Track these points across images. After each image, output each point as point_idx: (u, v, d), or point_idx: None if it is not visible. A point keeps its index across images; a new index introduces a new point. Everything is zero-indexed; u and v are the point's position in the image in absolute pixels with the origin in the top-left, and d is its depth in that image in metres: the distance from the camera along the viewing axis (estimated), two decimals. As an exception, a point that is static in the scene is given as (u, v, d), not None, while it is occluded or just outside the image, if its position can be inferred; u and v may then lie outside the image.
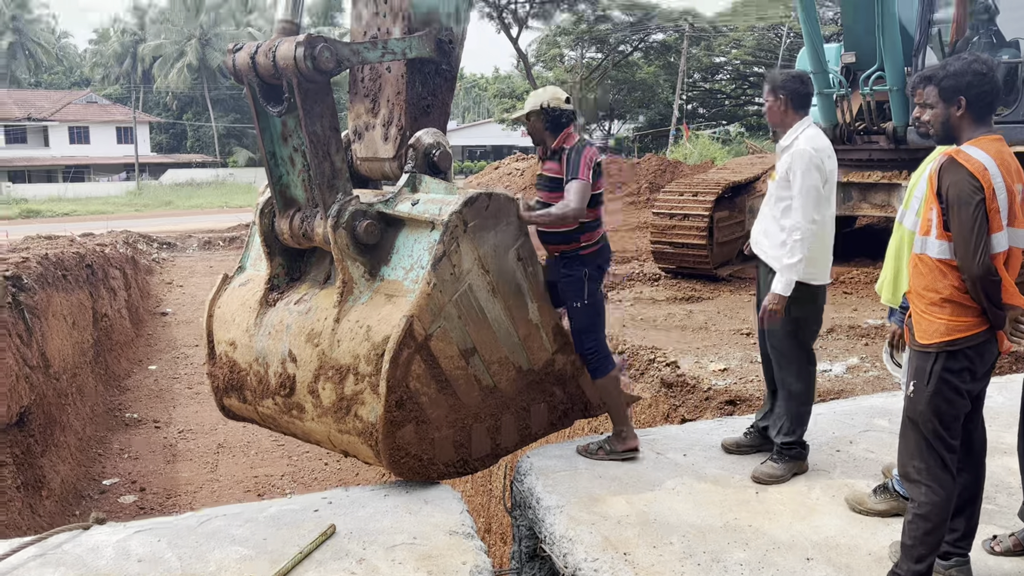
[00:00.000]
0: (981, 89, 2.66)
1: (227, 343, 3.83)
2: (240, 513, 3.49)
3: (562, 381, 3.87)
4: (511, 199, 3.58)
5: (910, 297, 2.84)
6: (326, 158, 3.28)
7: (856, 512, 3.55)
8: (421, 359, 3.24)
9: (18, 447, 10.65)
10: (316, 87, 3.20)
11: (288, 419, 3.64)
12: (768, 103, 3.81)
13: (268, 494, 11.67)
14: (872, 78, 9.50)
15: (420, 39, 3.59)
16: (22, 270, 12.84)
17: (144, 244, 25.72)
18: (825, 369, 6.18)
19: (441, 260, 3.24)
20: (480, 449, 3.60)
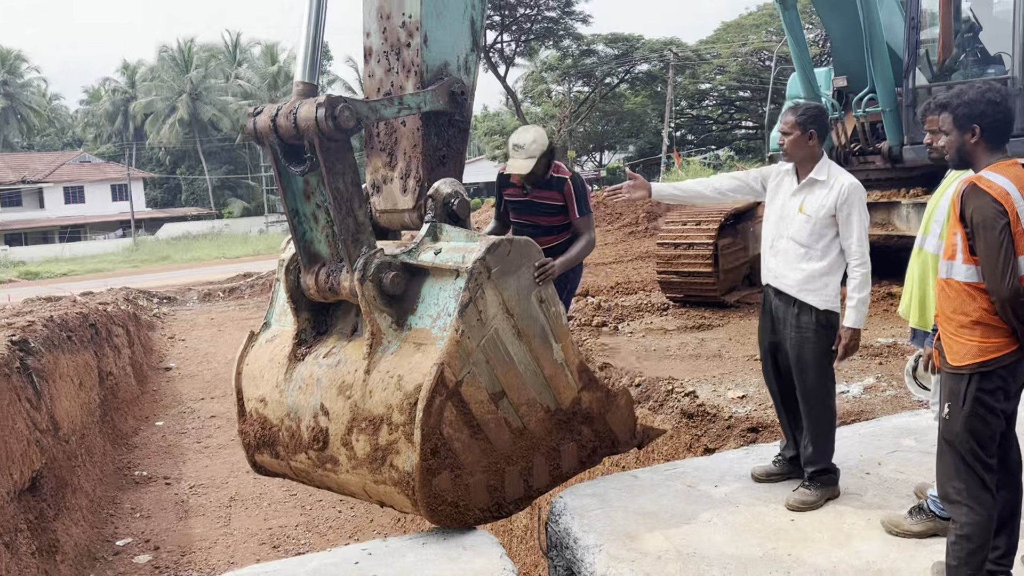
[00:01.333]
0: (995, 118, 2.73)
1: (257, 400, 3.86)
2: (280, 570, 3.48)
3: (589, 419, 3.90)
4: (531, 243, 3.65)
5: (938, 320, 2.89)
6: (350, 214, 3.35)
7: (893, 535, 3.56)
8: (453, 405, 3.28)
9: (31, 512, 10.57)
10: (337, 145, 3.27)
11: (322, 473, 3.65)
12: (794, 136, 3.79)
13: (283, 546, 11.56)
14: (864, 100, 9.65)
15: (434, 92, 3.68)
16: (28, 333, 12.86)
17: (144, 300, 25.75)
18: (843, 391, 6.20)
19: (468, 307, 3.30)
20: (513, 492, 3.62)
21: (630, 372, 7.15)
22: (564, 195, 4.47)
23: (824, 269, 3.77)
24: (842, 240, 3.76)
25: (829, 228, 3.75)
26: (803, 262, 3.81)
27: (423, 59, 3.68)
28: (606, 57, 44.21)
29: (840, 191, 3.71)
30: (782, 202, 3.91)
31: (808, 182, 3.82)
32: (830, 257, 3.77)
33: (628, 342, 8.34)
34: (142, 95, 59.34)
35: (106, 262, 43.20)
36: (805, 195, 3.81)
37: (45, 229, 53.62)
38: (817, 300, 3.79)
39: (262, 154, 59.32)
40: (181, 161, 61.23)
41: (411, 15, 3.63)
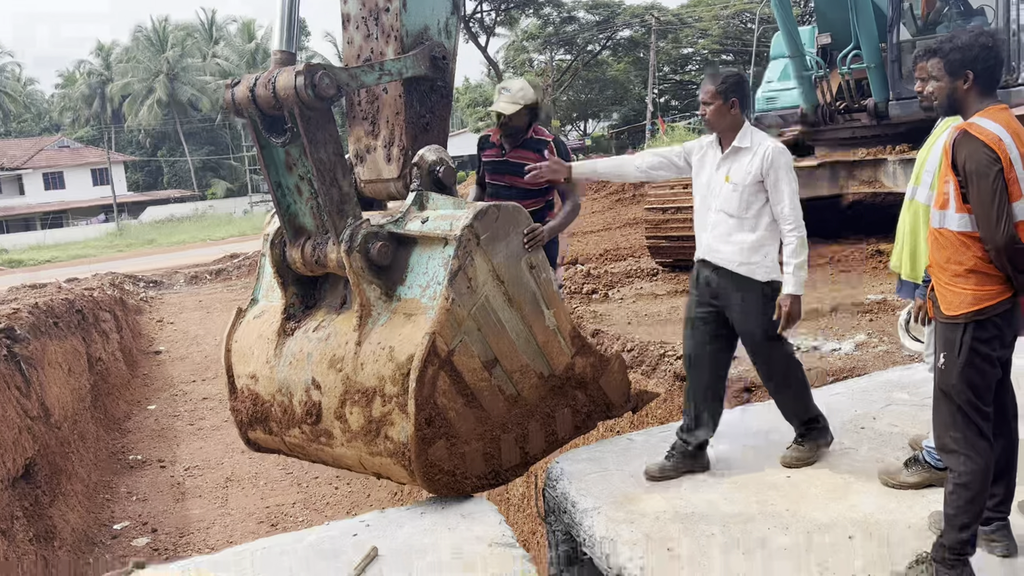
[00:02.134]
0: (987, 63, 2.69)
1: (248, 376, 3.82)
2: (279, 544, 3.47)
3: (583, 384, 3.89)
4: (519, 209, 3.61)
5: (931, 270, 2.87)
6: (334, 184, 3.30)
7: (890, 487, 3.57)
8: (446, 375, 3.26)
9: (27, 499, 10.55)
10: (318, 114, 3.21)
11: (317, 447, 3.63)
12: (715, 105, 3.64)
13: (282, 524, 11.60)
14: (849, 57, 9.60)
15: (415, 58, 3.61)
16: (13, 321, 12.75)
17: (131, 284, 25.57)
18: (834, 348, 6.23)
19: (457, 275, 3.27)
20: (510, 459, 3.61)
21: (621, 338, 7.15)
22: (545, 156, 4.38)
23: (759, 239, 3.65)
24: (773, 206, 3.62)
25: (758, 196, 3.63)
26: (736, 234, 3.68)
27: (402, 24, 3.61)
28: (587, 24, 43.85)
29: (764, 156, 3.59)
30: (708, 174, 3.77)
31: (732, 151, 3.68)
32: (763, 226, 3.65)
33: (619, 308, 8.34)
34: (118, 77, 58.47)
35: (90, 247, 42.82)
36: (730, 164, 3.68)
37: (26, 216, 53.03)
38: (759, 273, 3.68)
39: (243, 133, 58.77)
40: (162, 143, 60.56)
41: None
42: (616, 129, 50.04)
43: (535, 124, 4.51)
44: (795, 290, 3.62)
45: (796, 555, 3.09)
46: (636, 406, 4.29)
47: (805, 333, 6.83)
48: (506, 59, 47.86)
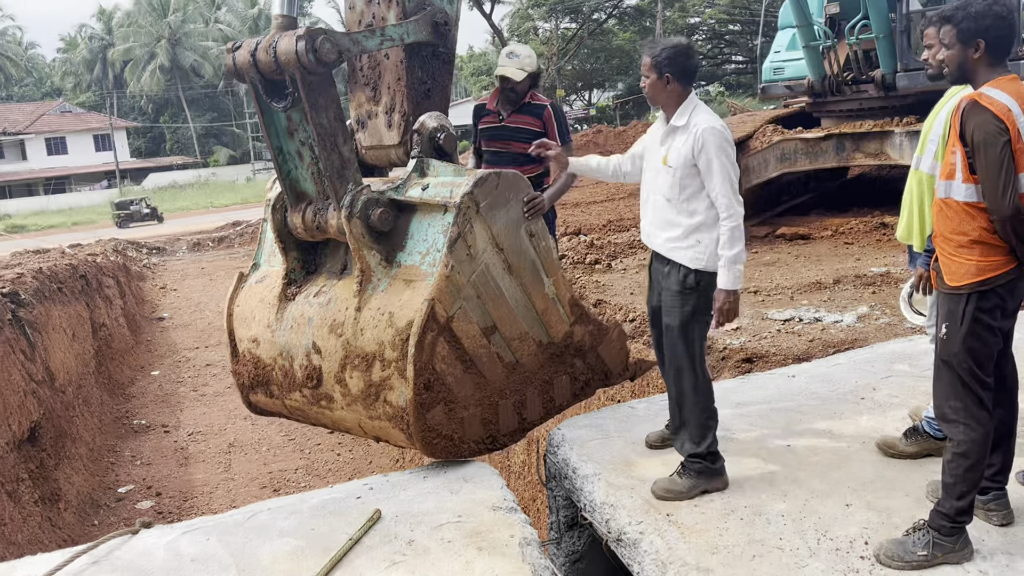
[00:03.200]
0: (1000, 32, 2.67)
1: (249, 340, 3.84)
2: (284, 506, 3.52)
3: (582, 352, 3.90)
4: (519, 177, 3.60)
5: (935, 241, 2.87)
6: (334, 149, 3.29)
7: (888, 456, 3.60)
8: (445, 341, 3.28)
9: (32, 462, 10.66)
10: (319, 79, 3.20)
11: (317, 410, 3.67)
12: (650, 80, 3.37)
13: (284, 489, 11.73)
14: (857, 27, 9.50)
15: (416, 23, 3.59)
16: (18, 286, 12.80)
17: (134, 251, 25.60)
18: (836, 320, 6.24)
19: (456, 242, 3.28)
20: (507, 425, 3.64)
21: (624, 308, 7.17)
22: (544, 120, 4.40)
23: (694, 225, 3.35)
24: (708, 191, 3.32)
25: (692, 179, 3.33)
26: (671, 216, 3.39)
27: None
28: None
29: (696, 137, 3.29)
30: (651, 155, 3.51)
31: (669, 130, 3.40)
32: (700, 211, 3.34)
33: (621, 279, 8.34)
34: (120, 42, 58.04)
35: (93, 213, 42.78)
36: (669, 145, 3.40)
37: (29, 181, 52.93)
38: (686, 258, 3.37)
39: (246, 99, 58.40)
40: (164, 109, 60.26)
41: None
42: (621, 99, 49.64)
43: (532, 90, 4.53)
44: (729, 284, 3.32)
45: (794, 521, 3.13)
46: (634, 374, 4.31)
47: (807, 304, 6.84)
48: (511, 27, 47.38)
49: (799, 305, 6.85)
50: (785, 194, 11.77)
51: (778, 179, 10.65)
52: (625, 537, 3.21)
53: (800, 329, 6.17)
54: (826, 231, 9.90)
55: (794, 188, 11.88)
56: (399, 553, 3.06)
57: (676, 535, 3.11)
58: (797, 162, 10.14)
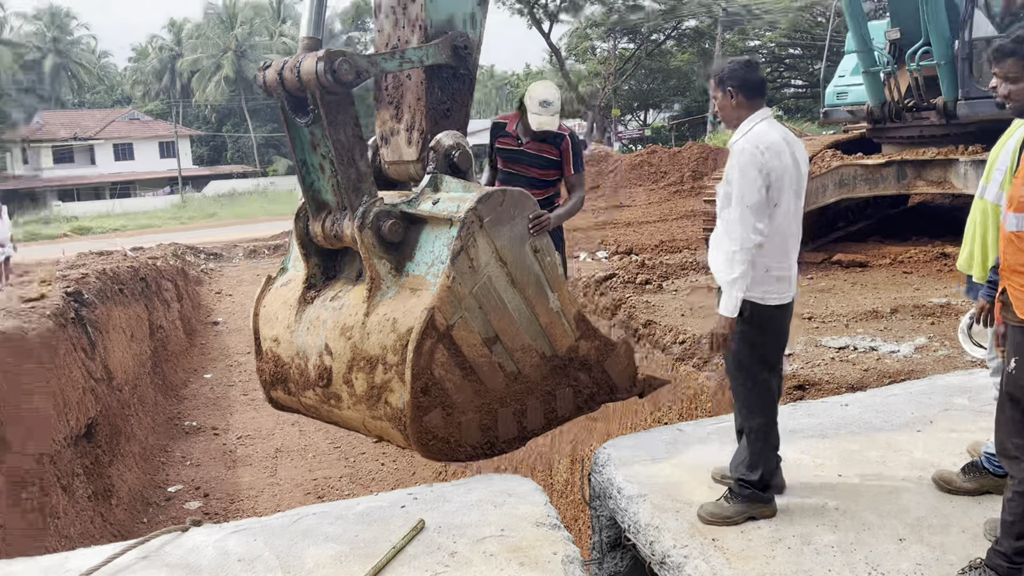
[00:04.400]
0: None
1: (271, 339, 4.00)
2: (329, 511, 3.56)
3: (587, 366, 3.93)
4: (525, 195, 3.67)
5: (1004, 273, 2.79)
6: (351, 163, 3.45)
7: (945, 491, 3.50)
8: (444, 348, 3.37)
9: (87, 458, 10.95)
10: (338, 98, 3.37)
11: (328, 408, 3.79)
12: (717, 100, 3.39)
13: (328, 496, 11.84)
14: (918, 53, 9.33)
15: (436, 47, 3.72)
16: (82, 286, 13.20)
17: (192, 256, 26.21)
18: (893, 350, 6.10)
19: (459, 255, 3.38)
20: (507, 432, 3.69)
21: (674, 330, 7.11)
22: (561, 151, 4.52)
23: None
24: None
25: (731, 198, 3.28)
26: (720, 238, 3.36)
27: (427, 14, 3.74)
28: (653, 13, 43.27)
29: (732, 153, 3.26)
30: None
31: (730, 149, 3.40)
32: None
33: (672, 300, 8.28)
34: (188, 52, 59.76)
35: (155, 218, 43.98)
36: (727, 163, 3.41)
37: (96, 185, 54.68)
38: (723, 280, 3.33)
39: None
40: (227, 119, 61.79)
41: None
42: (677, 120, 49.41)
43: None
44: (722, 309, 3.25)
45: (844, 553, 3.06)
46: (644, 391, 4.29)
47: (863, 333, 6.70)
48: (568, 46, 47.57)
49: (854, 333, 6.71)
50: (842, 220, 11.56)
51: (836, 205, 10.48)
52: (669, 560, 3.17)
53: (855, 358, 6.04)
54: (884, 259, 9.69)
55: (852, 214, 11.66)
56: (441, 564, 3.07)
57: (721, 561, 3.06)
58: (856, 188, 9.96)
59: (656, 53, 46.31)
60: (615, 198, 18.18)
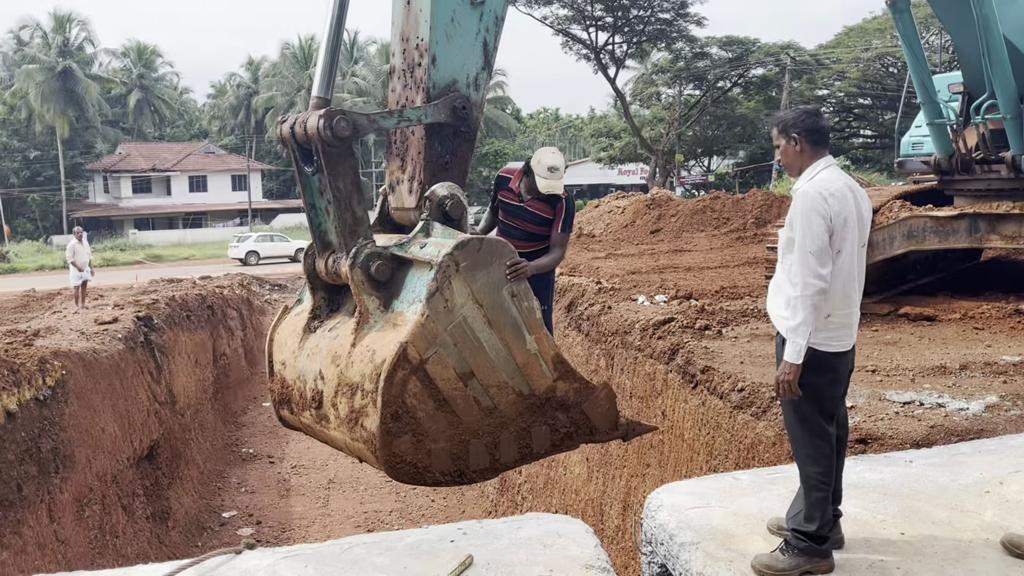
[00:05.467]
0: None
1: (280, 363, 4.28)
2: (380, 542, 3.59)
3: (565, 407, 4.05)
4: (503, 243, 3.89)
5: None
6: (348, 209, 3.77)
7: (1014, 556, 3.35)
8: (417, 379, 3.57)
9: (148, 479, 11.22)
10: (337, 151, 3.68)
11: (320, 428, 4.03)
12: (780, 147, 3.42)
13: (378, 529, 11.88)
14: (984, 107, 9.12)
15: (435, 107, 4.00)
16: (152, 311, 13.64)
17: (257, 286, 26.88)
18: (961, 407, 5.89)
19: (434, 295, 3.60)
20: (478, 463, 3.82)
21: (732, 376, 7.00)
22: (555, 210, 4.93)
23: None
24: None
25: (792, 243, 3.31)
26: (781, 282, 3.37)
27: (430, 77, 4.01)
28: (719, 60, 43.33)
29: (795, 199, 3.28)
30: None
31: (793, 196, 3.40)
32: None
33: (732, 347, 8.16)
34: (264, 90, 61.93)
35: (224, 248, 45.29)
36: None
37: (170, 215, 56.73)
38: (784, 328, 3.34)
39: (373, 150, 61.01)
40: (299, 153, 63.55)
41: (422, 38, 3.99)
42: (741, 167, 49.10)
43: None
44: (786, 356, 3.25)
45: (905, 615, 2.95)
46: (627, 435, 4.31)
47: (930, 388, 6.50)
48: (634, 91, 47.86)
49: (920, 388, 6.51)
50: (911, 273, 11.27)
51: (904, 257, 10.23)
52: (720, 611, 3.10)
53: (920, 413, 5.86)
54: (954, 314, 9.40)
55: (920, 267, 11.36)
56: (488, 601, 3.06)
57: (775, 615, 2.98)
58: (925, 240, 9.72)
59: (722, 100, 46.23)
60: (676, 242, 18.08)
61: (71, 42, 55.50)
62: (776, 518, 3.66)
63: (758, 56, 42.84)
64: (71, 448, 8.49)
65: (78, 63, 54.47)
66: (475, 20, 4.06)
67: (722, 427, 6.72)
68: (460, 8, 3.99)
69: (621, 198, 23.87)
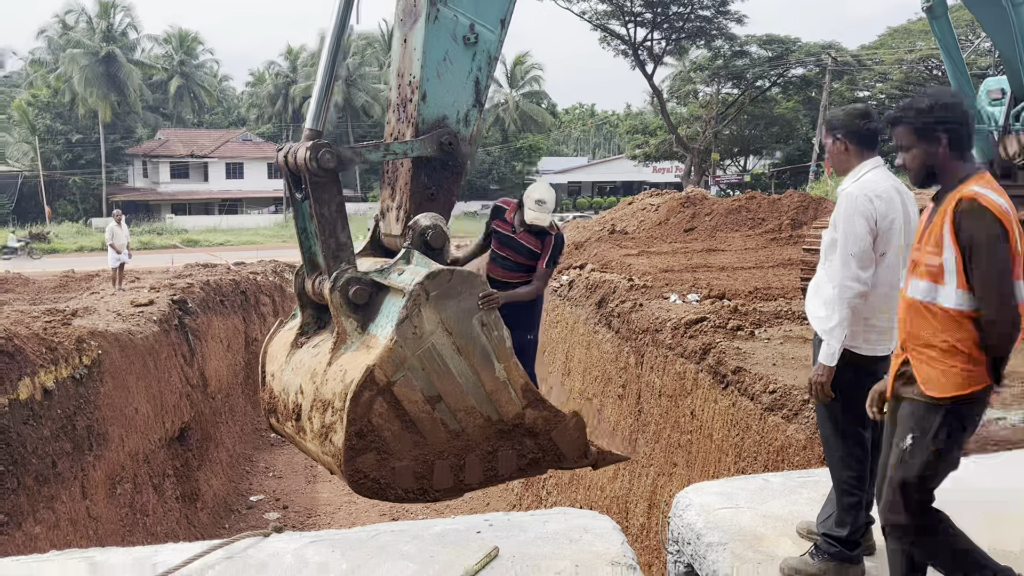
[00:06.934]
0: None
1: (270, 374, 4.45)
2: (407, 530, 3.60)
3: (533, 433, 4.09)
4: (474, 275, 3.99)
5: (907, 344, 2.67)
6: (332, 235, 3.93)
7: (1052, 570, 3.28)
8: (384, 400, 3.67)
9: (178, 460, 11.39)
10: (323, 180, 3.85)
11: (299, 439, 4.17)
12: (828, 147, 3.40)
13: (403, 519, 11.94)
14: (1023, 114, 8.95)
15: (422, 142, 4.13)
16: (187, 295, 13.81)
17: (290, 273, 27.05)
18: (1000, 417, 5.77)
19: (404, 321, 3.72)
20: (442, 482, 3.89)
21: (764, 378, 6.92)
22: (543, 244, 5.10)
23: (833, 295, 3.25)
24: None
25: (836, 244, 3.29)
26: (821, 281, 3.35)
27: (420, 113, 4.15)
28: (759, 59, 42.84)
29: (840, 200, 3.25)
30: None
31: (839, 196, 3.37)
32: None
33: (764, 348, 8.07)
34: (302, 79, 62.36)
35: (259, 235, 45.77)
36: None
37: (207, 201, 57.44)
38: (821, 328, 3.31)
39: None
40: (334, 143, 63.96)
41: (415, 75, 4.12)
42: (778, 168, 48.56)
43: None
44: (821, 358, 3.22)
45: (937, 625, 2.90)
46: (596, 463, 4.33)
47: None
48: (671, 88, 47.51)
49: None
50: (950, 279, 11.09)
51: (944, 262, 10.05)
52: (747, 613, 3.07)
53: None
54: (994, 322, 9.23)
55: (961, 273, 11.17)
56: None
57: (803, 619, 2.94)
58: (966, 246, 9.54)
59: (760, 99, 45.73)
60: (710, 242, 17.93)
61: (115, 28, 56.30)
62: (806, 522, 3.62)
63: (798, 56, 42.29)
64: (105, 427, 8.63)
65: (121, 49, 55.25)
66: (468, 60, 4.19)
67: (752, 428, 6.66)
68: (453, 48, 4.12)
69: (655, 196, 23.70)
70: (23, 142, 55.32)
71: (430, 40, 4.03)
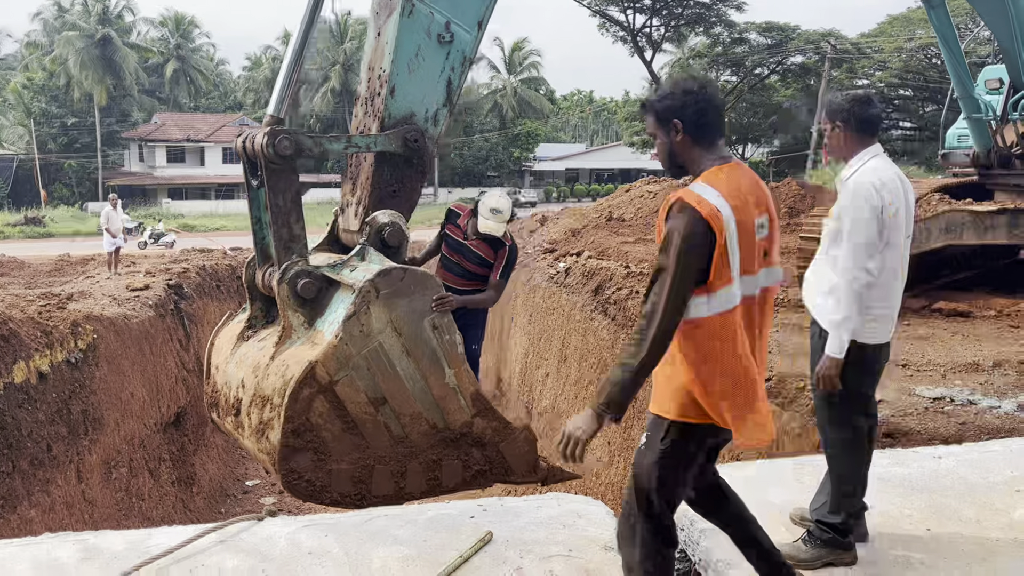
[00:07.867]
0: None
1: (214, 367, 4.34)
2: (401, 515, 3.61)
3: (481, 444, 3.97)
4: (429, 276, 3.89)
5: None
6: (285, 225, 3.82)
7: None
8: (325, 399, 3.57)
9: (174, 445, 11.40)
10: (278, 168, 3.73)
11: (238, 434, 4.07)
12: (827, 133, 3.36)
13: (398, 504, 11.96)
14: (1021, 103, 8.92)
15: (386, 137, 4.03)
16: (183, 279, 13.78)
17: (287, 259, 26.97)
18: (993, 405, 5.79)
19: (351, 318, 3.61)
20: (381, 488, 3.78)
21: (760, 365, 6.93)
22: (497, 255, 5.02)
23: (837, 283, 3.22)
24: None
25: (839, 233, 3.25)
26: (822, 269, 3.31)
27: (387, 107, 4.06)
28: (758, 46, 42.68)
29: (845, 188, 3.22)
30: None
31: (839, 183, 3.32)
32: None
33: (760, 336, 8.08)
34: (299, 64, 62.05)
35: (255, 221, 45.48)
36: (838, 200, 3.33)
37: (203, 185, 57.24)
38: (824, 317, 3.27)
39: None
40: (330, 129, 63.62)
41: (384, 69, 4.03)
42: (776, 155, 48.48)
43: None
44: (829, 350, 3.17)
45: (928, 611, 2.91)
46: (546, 480, 4.16)
47: (961, 384, 6.39)
48: (670, 76, 47.33)
49: (951, 385, 6.41)
50: (946, 268, 11.07)
51: (940, 251, 10.04)
52: (739, 599, 3.08)
53: (951, 410, 5.76)
54: (989, 311, 9.22)
55: (957, 262, 11.15)
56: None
57: (795, 605, 2.95)
58: (963, 235, 9.52)
59: (759, 87, 45.58)
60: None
61: (111, 10, 55.93)
62: (799, 508, 3.63)
63: (798, 43, 42.13)
64: (100, 411, 8.63)
65: (117, 31, 54.90)
66: (441, 58, 4.10)
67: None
68: (426, 44, 4.03)
69: (653, 183, 23.64)
70: (18, 125, 55.04)
71: (403, 34, 3.95)
